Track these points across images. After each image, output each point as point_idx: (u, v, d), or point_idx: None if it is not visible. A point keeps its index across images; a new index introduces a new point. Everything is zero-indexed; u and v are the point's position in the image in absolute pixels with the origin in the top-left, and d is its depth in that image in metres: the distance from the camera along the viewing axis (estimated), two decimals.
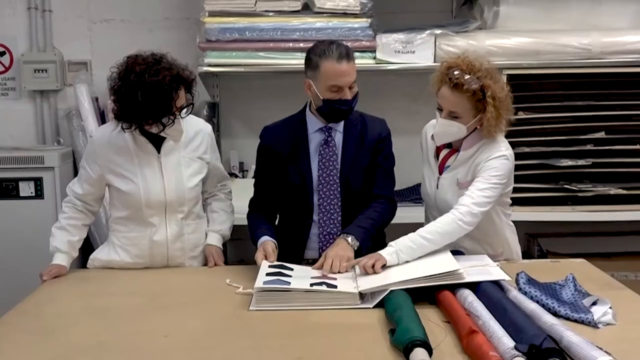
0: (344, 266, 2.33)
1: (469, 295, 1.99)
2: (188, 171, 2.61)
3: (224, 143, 4.16)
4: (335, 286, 2.16)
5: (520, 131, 3.56)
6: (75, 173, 3.95)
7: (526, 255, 3.72)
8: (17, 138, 4.20)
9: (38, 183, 3.77)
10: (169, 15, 4.11)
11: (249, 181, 3.99)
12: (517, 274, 2.18)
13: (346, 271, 2.33)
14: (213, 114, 4.00)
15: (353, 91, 2.49)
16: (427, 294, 2.09)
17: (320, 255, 2.51)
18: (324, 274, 2.31)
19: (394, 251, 2.30)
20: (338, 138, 2.60)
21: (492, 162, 2.41)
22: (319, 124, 2.59)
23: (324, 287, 2.15)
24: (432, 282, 2.09)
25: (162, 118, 2.41)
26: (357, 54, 2.97)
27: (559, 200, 3.61)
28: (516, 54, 3.52)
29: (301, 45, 3.57)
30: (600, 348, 1.60)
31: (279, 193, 2.65)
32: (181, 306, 2.16)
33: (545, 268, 2.50)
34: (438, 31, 3.60)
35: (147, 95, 2.34)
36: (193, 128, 2.65)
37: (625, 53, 3.55)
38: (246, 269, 2.48)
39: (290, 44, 3.58)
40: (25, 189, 3.77)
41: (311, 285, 2.16)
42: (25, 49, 4.16)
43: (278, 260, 2.44)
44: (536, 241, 3.96)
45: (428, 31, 3.60)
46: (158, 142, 2.55)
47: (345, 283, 2.20)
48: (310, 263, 2.50)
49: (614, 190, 3.57)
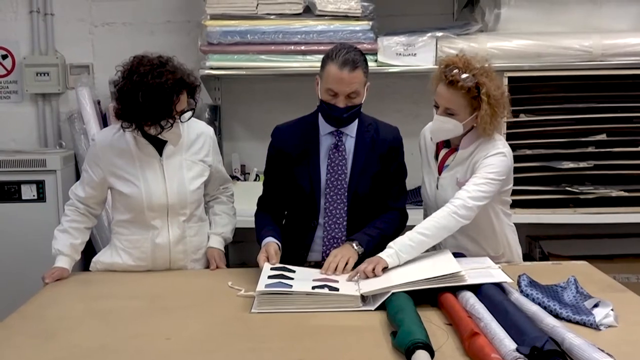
0: (346, 266, 2.33)
1: (470, 298, 1.99)
2: (190, 174, 2.61)
3: (225, 146, 4.17)
4: (337, 289, 2.16)
5: (522, 133, 3.56)
6: (77, 176, 3.95)
7: (528, 257, 3.72)
8: (19, 141, 4.22)
9: (40, 186, 3.78)
10: (170, 19, 4.12)
11: (250, 184, 4.03)
12: (519, 276, 2.18)
13: (344, 271, 2.33)
14: (215, 117, 4.01)
15: (352, 101, 2.45)
16: (429, 296, 2.09)
17: (323, 258, 2.51)
18: (326, 274, 2.31)
19: (393, 252, 2.30)
20: (349, 143, 2.58)
21: (490, 159, 2.43)
22: (330, 127, 2.56)
23: (326, 290, 2.15)
24: (434, 285, 2.09)
25: (161, 120, 2.41)
26: None
27: (561, 203, 3.61)
28: (517, 56, 3.52)
29: (302, 48, 3.58)
30: (602, 350, 1.60)
31: (287, 193, 2.65)
32: (183, 309, 2.17)
33: (547, 270, 2.50)
34: (439, 34, 3.61)
35: (148, 97, 2.34)
36: (195, 131, 2.66)
37: (626, 55, 3.55)
38: (248, 272, 2.48)
39: (292, 47, 3.59)
40: (28, 192, 3.77)
41: (313, 288, 2.16)
42: (27, 52, 4.17)
43: (282, 261, 2.44)
44: (538, 243, 3.96)
45: (429, 34, 3.61)
46: (160, 145, 2.56)
47: (347, 286, 2.20)
48: (313, 266, 2.50)
49: (615, 193, 3.57)
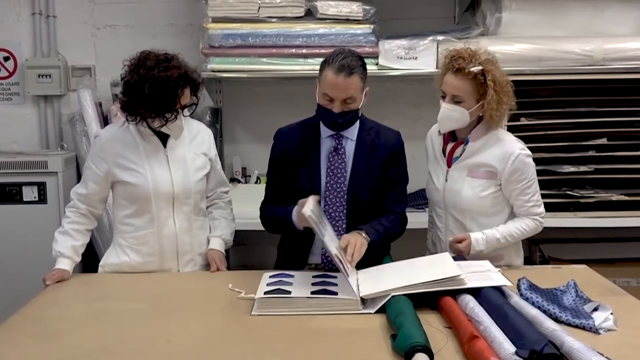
0: (359, 252, 2.30)
1: (470, 301, 1.99)
2: (193, 165, 2.66)
3: (226, 148, 4.17)
4: (336, 292, 2.17)
5: (523, 137, 3.53)
6: (78, 178, 3.95)
7: (528, 261, 3.71)
8: (21, 143, 4.22)
9: (41, 188, 3.78)
10: (172, 21, 4.14)
11: (251, 186, 4.03)
12: (519, 280, 2.18)
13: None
14: (216, 120, 4.01)
15: (348, 107, 2.45)
16: (429, 300, 2.09)
17: (322, 261, 2.53)
18: (339, 252, 2.28)
19: (482, 238, 2.53)
20: (350, 146, 2.58)
21: (520, 162, 2.54)
22: (330, 130, 2.57)
23: (325, 295, 2.15)
24: (434, 288, 2.09)
25: (166, 113, 2.47)
26: None
27: (561, 207, 3.61)
28: (518, 60, 3.52)
29: (304, 51, 3.59)
30: (601, 354, 1.61)
31: (288, 195, 2.65)
32: (183, 311, 2.17)
33: (547, 274, 2.51)
34: (440, 37, 3.62)
35: (154, 89, 2.41)
36: (195, 128, 2.75)
37: (627, 59, 3.56)
38: (248, 274, 2.48)
39: (293, 50, 3.60)
40: (29, 193, 3.78)
41: (312, 293, 2.17)
42: (29, 54, 4.18)
43: (282, 263, 2.44)
44: (538, 247, 3.96)
45: (430, 37, 3.62)
46: (163, 139, 2.61)
47: (347, 289, 2.19)
48: (313, 268, 2.50)
49: (616, 197, 3.57)
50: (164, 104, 2.45)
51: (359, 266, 2.34)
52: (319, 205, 2.41)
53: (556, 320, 1.92)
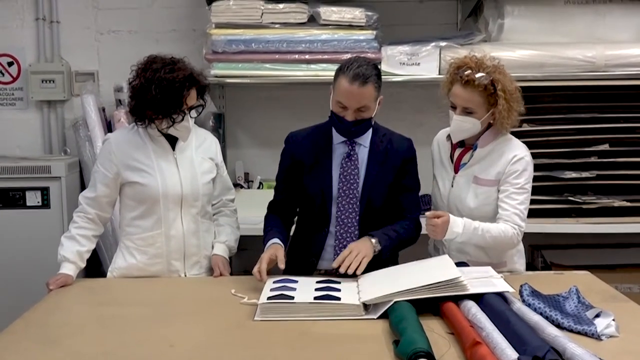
0: (359, 266, 2.32)
1: (472, 307, 1.99)
2: (201, 168, 2.69)
3: (229, 153, 4.18)
4: (339, 298, 2.17)
5: (525, 143, 3.55)
6: (82, 182, 3.98)
7: (530, 267, 3.72)
8: (24, 148, 4.24)
9: (45, 193, 3.79)
10: (175, 27, 4.16)
11: (254, 192, 4.04)
12: (521, 286, 2.18)
13: (354, 274, 2.33)
14: (219, 125, 4.02)
15: (362, 115, 2.46)
16: (431, 305, 2.09)
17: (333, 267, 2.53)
18: (338, 270, 2.32)
19: (461, 222, 2.44)
20: (363, 153, 2.57)
21: (516, 166, 2.52)
22: (343, 137, 2.57)
23: (328, 301, 2.15)
24: (436, 294, 2.09)
25: (173, 114, 2.50)
26: None
27: (563, 212, 3.61)
28: (520, 66, 3.52)
29: (307, 57, 3.60)
30: None
31: (297, 199, 2.66)
32: (186, 316, 2.17)
33: (549, 280, 2.51)
34: (443, 43, 3.63)
35: (160, 90, 2.45)
36: (202, 134, 2.79)
37: (629, 66, 3.57)
38: (251, 279, 2.48)
39: (296, 56, 3.62)
40: (32, 198, 3.79)
41: (315, 298, 2.17)
42: (33, 60, 4.20)
43: (292, 268, 2.45)
44: (540, 253, 3.96)
45: (433, 43, 3.63)
46: (172, 142, 2.64)
47: (349, 294, 2.20)
48: (323, 274, 2.50)
49: (618, 203, 3.57)
50: (171, 105, 2.48)
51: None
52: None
53: (558, 326, 1.92)
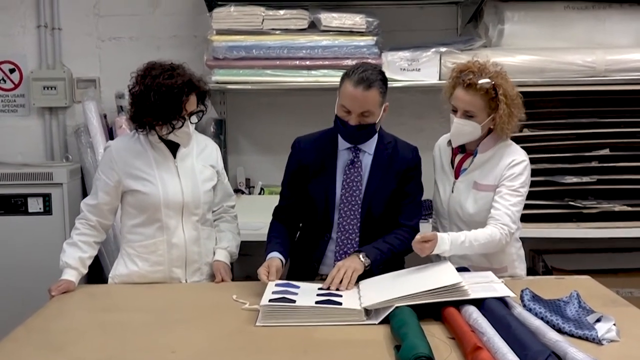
0: (349, 278, 2.33)
1: (473, 312, 1.99)
2: (202, 176, 2.70)
3: (230, 159, 4.19)
4: (340, 303, 2.17)
5: (525, 148, 3.55)
6: (83, 189, 3.99)
7: (531, 271, 3.72)
8: (26, 154, 4.25)
9: (46, 199, 3.80)
10: (176, 33, 4.17)
11: (255, 197, 4.04)
12: (522, 291, 2.19)
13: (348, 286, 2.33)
14: (220, 131, 4.03)
15: (365, 120, 2.46)
16: (433, 310, 2.09)
17: None
18: (329, 287, 2.32)
19: (447, 238, 2.39)
20: (367, 160, 2.58)
21: (515, 169, 2.53)
22: (347, 142, 2.57)
23: (329, 305, 2.16)
24: (437, 299, 2.09)
25: (172, 120, 2.50)
26: None
27: (564, 217, 3.62)
28: (521, 71, 3.52)
29: (307, 63, 3.61)
30: None
31: (302, 205, 2.66)
32: (188, 322, 2.17)
33: (550, 285, 2.51)
34: (443, 49, 3.63)
35: (159, 96, 2.45)
36: (203, 141, 2.79)
37: (629, 71, 3.58)
38: (253, 285, 2.49)
39: (297, 62, 3.63)
40: (34, 204, 3.80)
41: (316, 302, 2.17)
42: (34, 66, 4.21)
43: (293, 273, 2.45)
44: (541, 258, 3.96)
45: (433, 49, 3.64)
46: (173, 150, 2.64)
47: (351, 299, 2.21)
48: (324, 279, 2.51)
49: (618, 207, 3.57)
50: (170, 111, 2.48)
51: (362, 277, 2.37)
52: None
53: (559, 331, 1.92)
